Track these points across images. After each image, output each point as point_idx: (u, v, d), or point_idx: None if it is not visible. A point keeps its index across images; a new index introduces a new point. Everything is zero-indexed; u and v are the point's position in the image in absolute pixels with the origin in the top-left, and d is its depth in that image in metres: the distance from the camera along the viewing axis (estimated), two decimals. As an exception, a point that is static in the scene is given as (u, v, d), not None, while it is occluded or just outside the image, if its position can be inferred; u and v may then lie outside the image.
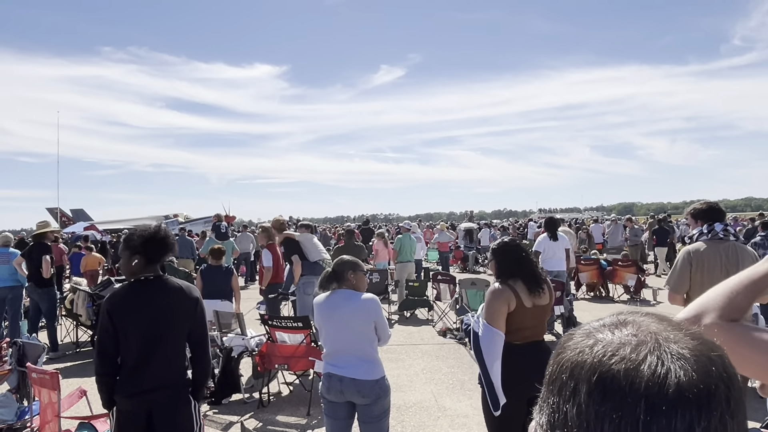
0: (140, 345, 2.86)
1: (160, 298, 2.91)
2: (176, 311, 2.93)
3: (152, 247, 2.98)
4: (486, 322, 3.26)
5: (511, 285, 3.30)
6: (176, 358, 2.96)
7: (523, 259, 3.43)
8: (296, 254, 7.52)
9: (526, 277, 3.34)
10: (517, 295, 3.27)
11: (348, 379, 3.31)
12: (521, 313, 3.26)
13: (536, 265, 3.51)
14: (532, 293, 3.30)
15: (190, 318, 2.96)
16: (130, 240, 2.99)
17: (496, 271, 3.47)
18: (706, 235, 3.96)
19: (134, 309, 2.88)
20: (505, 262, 3.44)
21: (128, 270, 2.99)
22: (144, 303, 2.90)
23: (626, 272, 12.12)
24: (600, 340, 0.62)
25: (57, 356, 8.07)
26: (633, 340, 0.60)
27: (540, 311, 3.35)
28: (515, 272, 3.36)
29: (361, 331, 3.38)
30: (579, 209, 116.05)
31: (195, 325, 2.99)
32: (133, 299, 2.91)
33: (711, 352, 0.59)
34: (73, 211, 43.70)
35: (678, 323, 0.63)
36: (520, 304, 3.26)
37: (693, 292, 3.88)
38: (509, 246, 3.53)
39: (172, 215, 40.53)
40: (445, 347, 8.17)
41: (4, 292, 8.32)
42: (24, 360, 5.00)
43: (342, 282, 3.48)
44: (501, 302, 3.26)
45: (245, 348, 6.10)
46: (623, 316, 0.67)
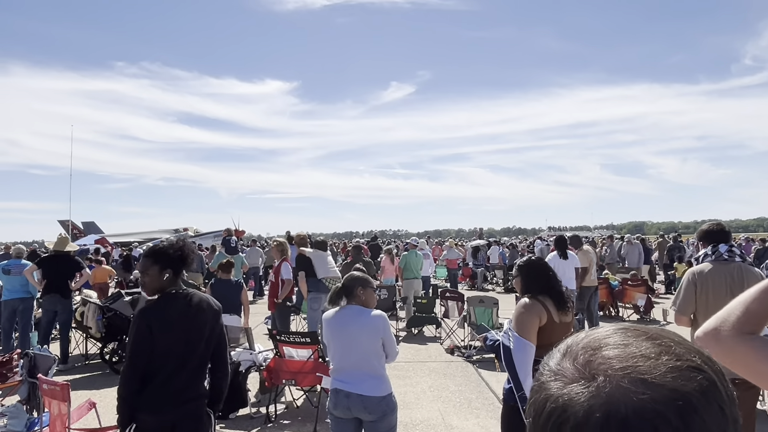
0: (175, 359, 2.88)
1: (192, 312, 2.97)
2: (202, 325, 2.99)
3: (180, 261, 3.04)
4: (518, 335, 3.26)
5: (541, 300, 3.34)
6: (201, 371, 3.03)
7: (550, 276, 3.50)
8: (303, 271, 7.59)
9: (554, 294, 3.39)
10: (547, 310, 3.31)
11: (355, 395, 3.33)
12: (551, 328, 3.29)
13: (559, 280, 3.57)
14: (560, 310, 3.34)
15: (213, 331, 3.03)
16: (163, 254, 2.99)
17: (524, 287, 3.50)
18: (711, 256, 3.97)
19: (173, 323, 2.91)
20: (533, 278, 3.48)
21: (158, 284, 2.97)
22: (175, 317, 2.93)
23: (636, 292, 12.06)
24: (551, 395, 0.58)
25: (66, 368, 8.12)
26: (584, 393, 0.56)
27: (566, 328, 3.38)
28: (544, 288, 3.40)
29: (369, 347, 3.40)
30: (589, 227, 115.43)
31: (217, 337, 3.06)
32: (170, 313, 2.93)
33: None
34: (85, 224, 44.10)
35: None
36: (550, 319, 3.30)
37: (699, 313, 3.88)
38: (536, 263, 3.62)
39: (182, 229, 40.80)
40: (452, 365, 8.14)
41: (15, 303, 8.40)
42: (35, 371, 5.05)
43: (351, 298, 3.51)
44: (533, 315, 3.29)
45: (253, 363, 6.12)
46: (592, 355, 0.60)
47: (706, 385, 0.55)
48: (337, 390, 3.42)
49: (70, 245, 9.02)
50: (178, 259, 3.02)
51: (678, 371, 0.55)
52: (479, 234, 27.66)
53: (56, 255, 8.68)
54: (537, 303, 3.32)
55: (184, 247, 3.07)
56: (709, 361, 0.58)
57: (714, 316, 1.30)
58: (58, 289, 8.40)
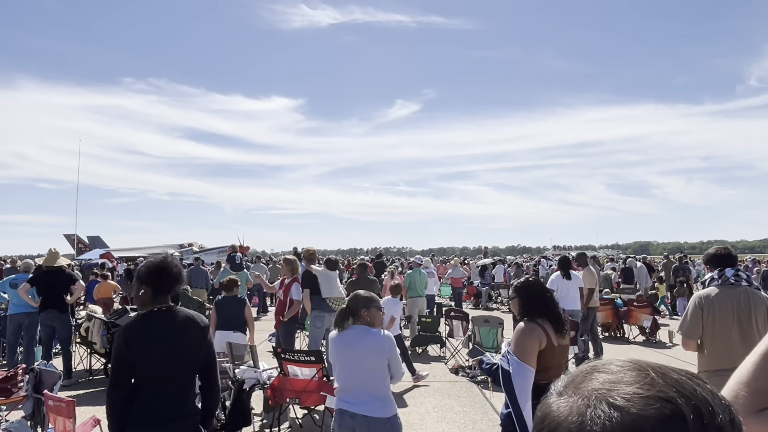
0: (154, 376, 2.87)
1: (172, 329, 2.92)
2: (187, 342, 2.93)
3: (157, 277, 2.97)
4: (518, 360, 3.22)
5: (540, 323, 3.30)
6: (188, 388, 2.97)
7: (548, 299, 3.45)
8: (307, 289, 7.59)
9: (552, 317, 3.35)
10: (547, 334, 3.27)
11: (360, 416, 3.32)
12: (550, 351, 3.26)
13: (558, 304, 3.52)
14: (558, 333, 3.31)
15: (199, 348, 2.97)
16: (138, 271, 3.04)
17: (521, 309, 3.46)
18: (717, 280, 3.97)
19: (148, 340, 2.88)
20: (531, 300, 3.45)
21: (138, 301, 3.01)
22: (157, 334, 2.90)
23: (641, 313, 11.98)
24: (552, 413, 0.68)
25: (70, 383, 8.10)
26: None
27: (564, 351, 3.37)
28: (542, 311, 3.36)
29: (375, 368, 3.39)
30: (594, 247, 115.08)
31: (204, 355, 2.99)
32: (146, 331, 2.92)
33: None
34: (90, 238, 44.24)
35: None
36: (550, 343, 3.26)
37: (705, 337, 3.88)
38: (534, 285, 3.56)
39: (186, 244, 40.92)
40: (457, 385, 8.10)
41: (21, 318, 8.41)
42: (40, 387, 5.05)
43: (356, 318, 3.52)
44: (534, 340, 3.25)
45: (257, 381, 6.10)
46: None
47: (669, 416, 0.60)
48: (341, 410, 3.41)
49: (61, 259, 8.96)
50: (150, 275, 2.96)
51: (646, 399, 0.61)
52: (484, 253, 27.64)
53: (48, 270, 8.58)
54: (537, 327, 3.29)
55: (161, 264, 2.99)
56: (690, 395, 0.63)
57: (724, 390, 1.29)
58: (54, 304, 8.36)
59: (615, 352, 10.56)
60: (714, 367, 3.81)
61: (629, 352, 10.66)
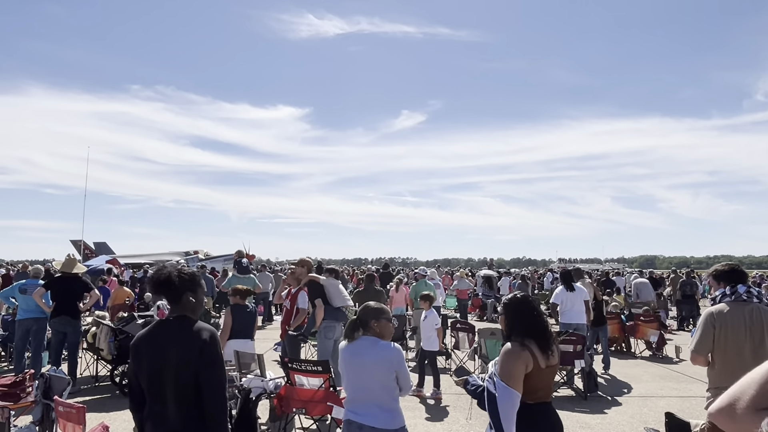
0: (154, 387, 2.86)
1: (170, 340, 2.88)
2: (180, 354, 2.84)
3: (165, 288, 2.98)
4: (504, 384, 3.08)
5: (528, 345, 3.14)
6: (186, 401, 2.84)
7: (534, 318, 3.26)
8: (320, 298, 7.57)
9: (538, 337, 3.18)
10: (534, 356, 3.12)
11: (368, 428, 3.32)
12: (537, 374, 3.13)
13: (547, 323, 3.34)
14: (544, 354, 3.15)
15: (193, 362, 2.82)
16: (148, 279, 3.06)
17: (507, 328, 3.33)
18: (729, 296, 3.96)
19: (149, 350, 2.89)
20: (516, 318, 3.29)
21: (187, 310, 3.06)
22: (158, 345, 2.88)
23: (648, 327, 11.93)
24: None
25: (74, 390, 8.10)
26: None
27: (551, 372, 3.25)
28: (529, 331, 3.19)
29: (383, 379, 3.40)
30: (600, 260, 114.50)
31: (201, 369, 2.85)
32: (147, 340, 2.93)
33: None
34: (96, 244, 44.45)
35: None
36: (536, 366, 3.11)
37: (717, 353, 3.87)
38: (520, 301, 3.37)
39: (192, 252, 41.05)
40: (463, 398, 8.06)
41: (30, 323, 8.45)
42: (49, 393, 5.08)
43: (366, 329, 3.53)
44: (520, 363, 3.10)
45: (264, 390, 6.10)
46: None
47: None
48: (350, 421, 3.42)
49: (78, 266, 9.05)
50: (163, 286, 2.98)
51: None
52: (489, 264, 27.56)
53: (64, 276, 8.72)
54: (524, 350, 3.12)
55: (165, 274, 3.00)
56: None
57: (726, 393, 1.33)
58: (66, 310, 8.43)
59: (621, 366, 10.51)
60: (725, 383, 3.78)
61: (635, 367, 10.61)
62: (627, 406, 7.67)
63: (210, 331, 2.95)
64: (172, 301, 3.00)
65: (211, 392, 2.85)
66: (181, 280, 2.98)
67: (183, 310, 2.99)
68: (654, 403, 7.76)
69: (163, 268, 3.05)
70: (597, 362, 9.62)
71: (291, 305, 7.75)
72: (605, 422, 6.85)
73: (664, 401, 7.78)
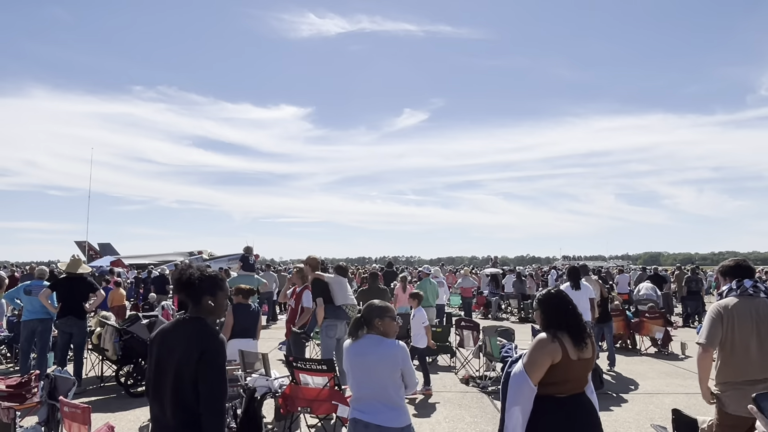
0: (157, 384, 2.87)
1: (178, 341, 2.85)
2: (182, 356, 2.79)
3: (179, 287, 3.00)
4: (524, 369, 3.21)
5: (559, 337, 3.23)
6: (183, 404, 2.77)
7: (568, 311, 3.36)
8: (321, 297, 7.57)
9: (572, 330, 3.26)
10: (564, 348, 3.19)
11: (374, 426, 3.31)
12: (566, 365, 3.19)
13: (581, 317, 3.41)
14: (578, 346, 3.23)
15: (193, 366, 2.75)
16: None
17: (542, 322, 3.40)
18: (736, 291, 3.95)
19: (157, 347, 2.92)
20: (551, 313, 3.37)
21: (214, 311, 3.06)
22: (165, 344, 2.89)
23: (653, 324, 11.89)
24: None
25: (80, 390, 8.11)
26: None
27: (584, 364, 3.27)
28: (562, 324, 3.29)
29: (388, 377, 3.39)
30: (604, 257, 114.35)
31: (200, 376, 2.75)
32: (161, 336, 2.95)
33: None
34: (101, 245, 44.56)
35: None
36: (566, 357, 3.19)
37: (724, 349, 3.85)
38: (553, 296, 3.47)
39: (196, 252, 41.10)
40: (467, 395, 8.06)
41: (35, 324, 8.47)
42: (55, 393, 5.09)
43: (370, 328, 3.52)
44: (545, 355, 3.18)
45: (268, 389, 6.10)
46: None
47: None
48: (355, 420, 3.41)
49: (83, 267, 9.08)
50: (178, 286, 3.00)
51: None
52: (493, 262, 27.52)
53: (70, 277, 8.75)
54: (554, 342, 3.21)
55: (179, 274, 3.02)
56: None
57: None
58: (72, 311, 8.46)
59: (627, 363, 10.49)
60: (732, 378, 3.78)
61: (641, 364, 10.58)
62: (633, 403, 7.64)
63: (217, 339, 2.88)
64: (191, 302, 2.97)
65: (206, 401, 2.75)
66: (202, 282, 2.96)
67: (200, 312, 2.95)
68: (660, 400, 7.73)
69: (189, 268, 3.02)
70: (602, 359, 9.60)
71: (296, 304, 7.76)
72: (611, 419, 6.83)
73: (670, 398, 7.75)
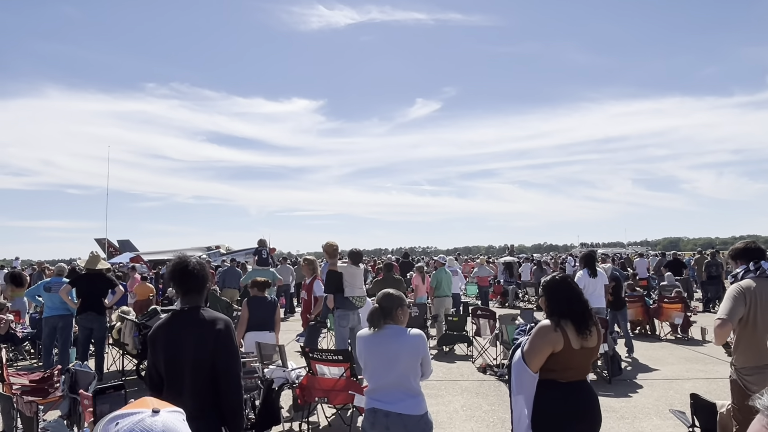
0: (169, 376, 2.93)
1: (186, 330, 2.94)
2: (199, 344, 2.90)
3: (177, 277, 3.09)
4: (522, 357, 3.25)
5: (562, 326, 3.20)
6: (203, 390, 2.90)
7: (573, 298, 3.32)
8: (334, 287, 7.59)
9: (576, 318, 3.23)
10: (565, 337, 3.17)
11: (394, 414, 3.32)
12: (568, 354, 3.18)
13: (587, 304, 3.36)
14: (581, 335, 3.20)
15: (209, 350, 2.90)
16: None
17: (546, 308, 3.38)
18: (753, 272, 3.87)
19: (165, 340, 2.96)
20: (554, 299, 3.34)
21: None
22: (174, 335, 2.96)
23: (673, 309, 11.76)
24: None
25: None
26: None
27: (587, 353, 3.26)
28: (565, 312, 3.25)
29: (409, 366, 3.40)
30: (622, 244, 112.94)
31: (217, 358, 2.90)
32: (164, 330, 3.00)
33: None
34: (120, 242, 45.05)
35: None
36: (567, 346, 3.17)
37: (743, 331, 3.78)
38: (558, 283, 3.43)
39: (214, 246, 41.40)
40: (485, 384, 8.06)
41: (55, 321, 8.61)
42: (76, 387, 5.17)
43: (389, 318, 3.52)
44: (545, 343, 3.18)
45: (286, 380, 6.15)
46: None
47: None
48: (374, 409, 3.41)
49: (102, 263, 9.20)
50: (176, 276, 3.10)
51: None
52: (510, 251, 27.41)
53: (89, 273, 8.88)
54: (556, 332, 3.18)
55: (180, 264, 3.11)
56: None
57: None
58: (92, 307, 8.59)
59: (646, 349, 10.40)
60: (753, 363, 3.72)
61: (660, 350, 10.48)
62: (652, 389, 7.58)
63: (225, 321, 3.03)
64: (195, 293, 3.07)
65: (227, 381, 2.91)
66: (203, 272, 3.11)
67: (200, 302, 3.07)
68: (680, 386, 7.66)
69: (188, 258, 3.15)
70: (620, 346, 9.53)
71: (308, 295, 7.81)
72: (630, 405, 6.79)
73: (689, 383, 7.68)
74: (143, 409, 1.08)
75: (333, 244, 8.02)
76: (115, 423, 1.05)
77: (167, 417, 1.07)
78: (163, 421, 1.05)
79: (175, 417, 1.10)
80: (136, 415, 1.05)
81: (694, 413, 4.45)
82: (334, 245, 8.03)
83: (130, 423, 1.03)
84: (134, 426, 1.02)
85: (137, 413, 1.06)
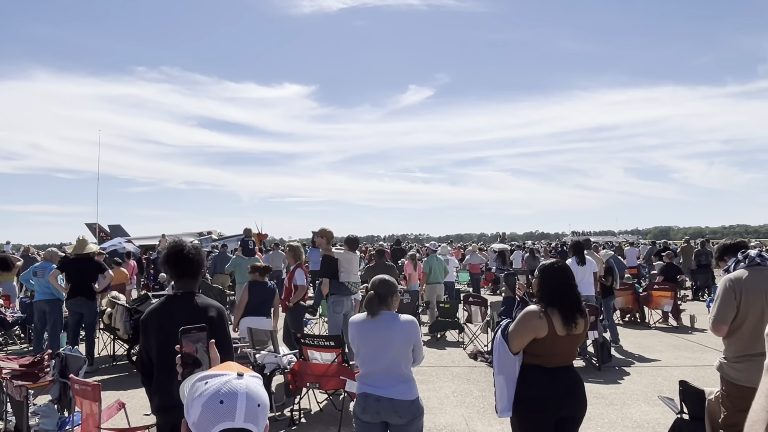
0: (161, 361, 2.91)
1: (178, 315, 2.89)
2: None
3: (173, 262, 3.09)
4: (503, 338, 3.33)
5: (548, 313, 3.23)
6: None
7: (561, 287, 3.33)
8: (329, 272, 7.58)
9: (563, 306, 3.25)
10: (550, 324, 3.20)
11: (386, 399, 3.34)
12: (552, 340, 3.21)
13: (577, 293, 3.37)
14: (567, 324, 3.23)
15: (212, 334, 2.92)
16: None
17: (538, 292, 3.40)
18: (743, 262, 3.89)
19: (158, 325, 2.95)
20: (546, 285, 3.36)
21: None
22: (166, 320, 2.93)
23: (662, 297, 11.85)
24: None
25: (93, 369, 8.22)
26: None
27: (572, 339, 3.29)
28: (554, 300, 3.27)
29: (401, 352, 3.42)
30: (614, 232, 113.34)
31: (216, 338, 2.89)
32: (159, 316, 2.99)
33: None
34: (111, 227, 44.78)
35: None
36: (551, 333, 3.20)
37: (736, 322, 3.79)
38: (552, 269, 3.44)
39: (206, 232, 41.23)
40: (476, 370, 8.10)
41: (43, 305, 8.58)
42: (66, 371, 5.15)
43: (385, 304, 3.52)
44: (528, 329, 3.23)
45: (277, 365, 6.16)
46: None
47: None
48: (366, 394, 3.42)
49: (89, 247, 9.12)
50: (165, 260, 3.13)
51: None
52: (501, 238, 27.51)
53: (78, 258, 8.83)
54: (541, 319, 3.21)
55: (176, 249, 3.12)
56: None
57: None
58: (82, 291, 8.54)
59: (635, 337, 10.49)
60: (742, 352, 3.74)
61: (650, 337, 10.57)
62: (641, 376, 7.65)
63: (218, 308, 3.04)
64: (189, 277, 3.06)
65: (225, 358, 2.93)
66: (198, 257, 3.12)
67: (193, 287, 3.06)
68: (669, 373, 7.73)
69: (184, 242, 3.17)
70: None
71: (288, 282, 7.76)
72: (619, 392, 6.85)
73: (678, 370, 7.75)
74: (229, 371, 1.19)
75: (328, 229, 8.00)
76: (205, 381, 1.18)
77: (250, 381, 1.19)
78: (246, 383, 1.17)
79: (257, 381, 1.21)
80: (223, 376, 1.18)
81: (682, 400, 4.49)
82: (329, 231, 8.01)
83: (218, 383, 1.16)
84: (222, 386, 1.15)
85: (224, 375, 1.18)
